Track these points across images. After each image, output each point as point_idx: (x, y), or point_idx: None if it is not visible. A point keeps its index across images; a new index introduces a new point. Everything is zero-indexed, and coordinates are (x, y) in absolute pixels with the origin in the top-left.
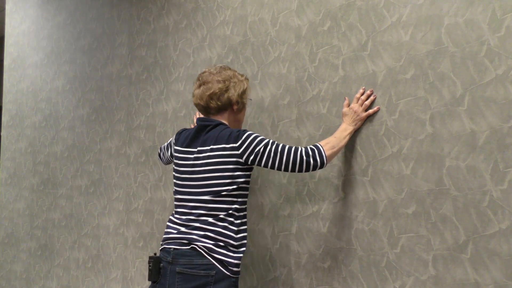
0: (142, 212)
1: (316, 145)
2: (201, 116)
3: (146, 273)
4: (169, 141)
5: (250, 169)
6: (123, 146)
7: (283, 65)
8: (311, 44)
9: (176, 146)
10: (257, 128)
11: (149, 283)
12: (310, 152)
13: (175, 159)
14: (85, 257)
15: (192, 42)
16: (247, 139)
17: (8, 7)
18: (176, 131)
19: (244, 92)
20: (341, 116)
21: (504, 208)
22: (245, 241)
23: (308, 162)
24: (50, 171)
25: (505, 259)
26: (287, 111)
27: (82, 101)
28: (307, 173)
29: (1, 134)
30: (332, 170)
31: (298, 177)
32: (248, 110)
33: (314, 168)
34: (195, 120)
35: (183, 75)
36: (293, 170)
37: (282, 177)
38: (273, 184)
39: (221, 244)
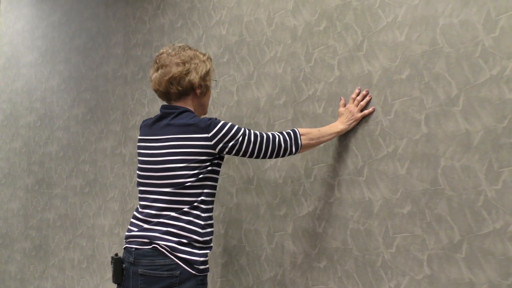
0: None
1: (294, 130)
2: (164, 103)
3: None
4: None
5: (221, 159)
6: (118, 146)
7: (279, 65)
8: (307, 44)
9: (139, 136)
10: (253, 128)
11: None
12: (287, 139)
13: (138, 149)
14: (80, 257)
15: (188, 42)
16: (222, 129)
17: (2, 6)
18: None
19: (207, 73)
20: (336, 116)
21: (499, 208)
22: (211, 237)
23: (285, 149)
24: (45, 171)
25: (500, 258)
26: (283, 111)
27: (77, 101)
28: (301, 172)
29: None
30: (328, 170)
31: (294, 177)
32: (244, 109)
33: (289, 154)
34: None
35: None
36: (270, 157)
37: (278, 177)
38: (268, 184)
39: (185, 241)
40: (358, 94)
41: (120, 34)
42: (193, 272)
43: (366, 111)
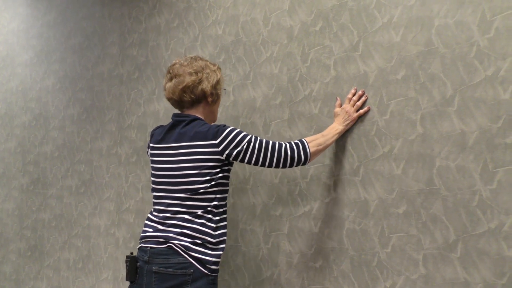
0: (134, 212)
1: (302, 140)
2: (176, 111)
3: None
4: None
5: (230, 165)
6: (114, 146)
7: (275, 65)
8: (303, 44)
9: (151, 143)
10: (249, 128)
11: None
12: (295, 148)
13: (151, 156)
14: (75, 257)
15: (184, 42)
16: (228, 136)
17: None
18: None
19: (218, 82)
20: (333, 116)
21: (493, 207)
22: (224, 238)
23: (292, 158)
24: (40, 171)
25: (494, 258)
26: (279, 111)
27: (73, 101)
28: (297, 172)
29: None
30: (324, 170)
31: (290, 177)
32: (240, 109)
33: (298, 164)
34: None
35: None
36: (277, 166)
37: (274, 177)
38: (265, 184)
39: (199, 241)
40: (354, 94)
41: (116, 34)
42: (205, 271)
43: (362, 111)
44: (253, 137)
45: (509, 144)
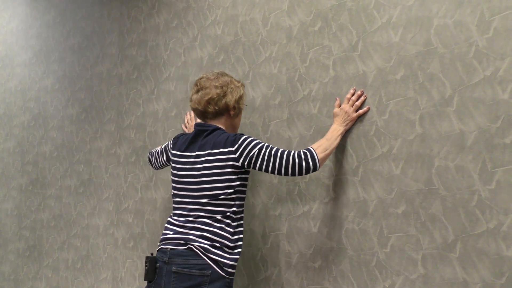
0: (133, 212)
1: (309, 148)
2: (198, 120)
3: (136, 274)
4: (162, 147)
5: (247, 173)
6: (113, 146)
7: (274, 65)
8: (302, 44)
9: (173, 150)
10: (248, 128)
11: (144, 283)
12: (303, 156)
13: (173, 163)
14: (74, 257)
15: (183, 42)
16: (243, 143)
17: None
18: (167, 131)
19: (240, 97)
20: (331, 116)
21: (492, 207)
22: (240, 243)
23: (300, 165)
24: (38, 171)
25: (493, 258)
26: (278, 111)
27: (72, 101)
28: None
29: None
30: (323, 170)
31: (289, 177)
32: None
33: (307, 171)
34: (185, 120)
35: (174, 75)
36: (286, 173)
37: (273, 177)
38: (264, 184)
39: (217, 245)
40: (353, 94)
41: (115, 34)
42: (222, 273)
43: (361, 111)
44: (265, 145)
45: (508, 144)
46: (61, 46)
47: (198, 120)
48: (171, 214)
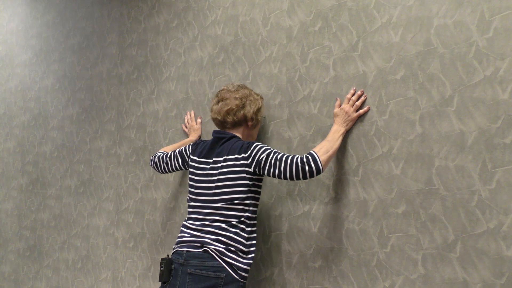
0: (133, 213)
1: (311, 152)
2: (216, 128)
3: (136, 274)
4: (177, 151)
5: (260, 180)
6: (113, 146)
7: (274, 65)
8: (302, 44)
9: (193, 156)
10: None
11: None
12: (305, 160)
13: (191, 168)
14: (74, 257)
15: (183, 42)
16: (254, 149)
17: None
18: (167, 131)
19: (259, 110)
20: (332, 116)
21: (492, 207)
22: (254, 248)
23: (303, 169)
24: (39, 171)
25: (493, 258)
26: (278, 111)
27: (72, 101)
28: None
29: None
30: None
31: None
32: None
33: (311, 175)
34: (185, 120)
35: (174, 75)
36: (291, 177)
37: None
38: (264, 184)
39: (232, 249)
40: (353, 94)
41: (115, 34)
42: (236, 277)
43: (361, 111)
44: (273, 151)
45: (508, 144)
46: (61, 46)
47: (216, 128)
48: (186, 218)
